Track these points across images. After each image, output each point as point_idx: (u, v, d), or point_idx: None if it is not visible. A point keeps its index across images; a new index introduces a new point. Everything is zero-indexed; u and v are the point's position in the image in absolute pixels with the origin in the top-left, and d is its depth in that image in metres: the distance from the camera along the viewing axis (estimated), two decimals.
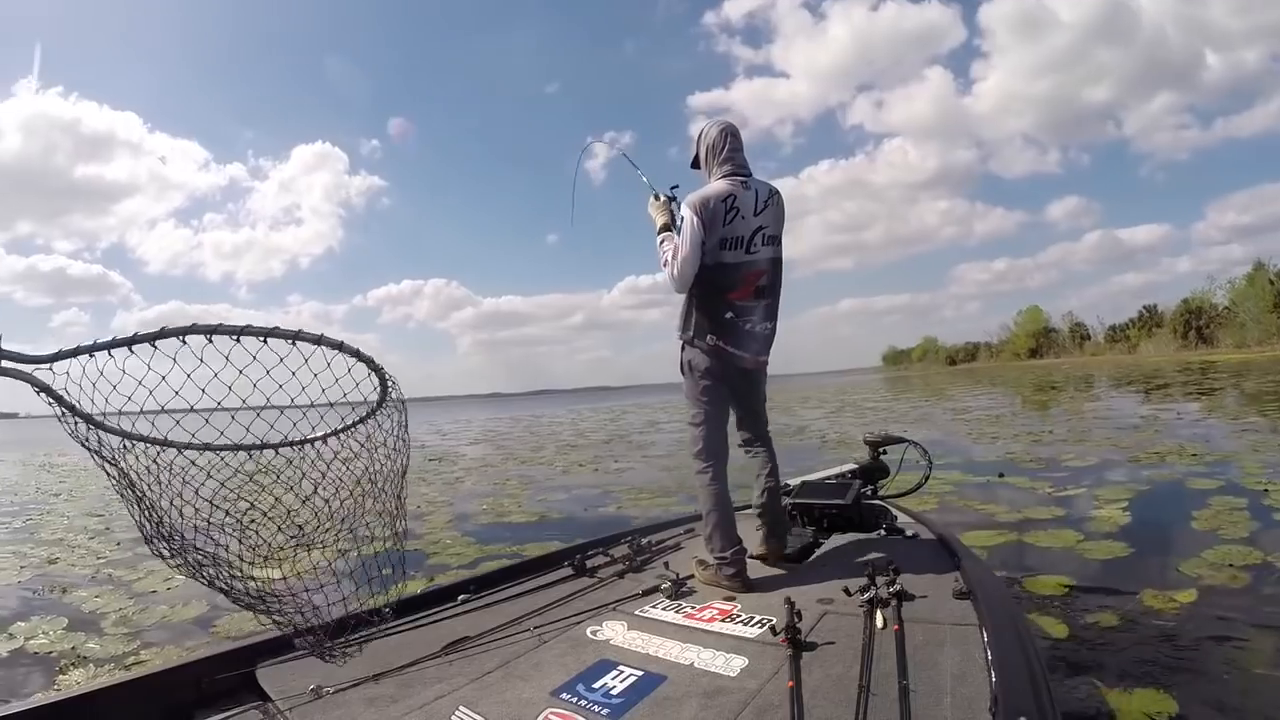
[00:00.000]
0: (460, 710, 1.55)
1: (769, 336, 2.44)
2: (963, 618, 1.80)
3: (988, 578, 2.09)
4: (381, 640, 1.95)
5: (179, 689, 1.72)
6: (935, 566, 2.27)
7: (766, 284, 2.38)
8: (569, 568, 2.60)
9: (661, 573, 2.40)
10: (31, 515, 8.20)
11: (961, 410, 16.18)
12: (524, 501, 7.36)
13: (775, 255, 2.41)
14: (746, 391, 2.52)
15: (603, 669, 1.72)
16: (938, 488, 6.13)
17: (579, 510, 6.72)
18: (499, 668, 1.77)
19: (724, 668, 1.68)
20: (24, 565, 5.47)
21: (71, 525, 7.28)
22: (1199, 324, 56.63)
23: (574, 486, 8.31)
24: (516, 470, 10.43)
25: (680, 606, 2.15)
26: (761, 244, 2.35)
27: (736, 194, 2.31)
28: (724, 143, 2.39)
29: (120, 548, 5.97)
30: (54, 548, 6.11)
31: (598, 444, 14.70)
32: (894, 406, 20.17)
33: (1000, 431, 10.58)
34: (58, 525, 7.36)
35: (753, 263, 2.34)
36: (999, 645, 1.55)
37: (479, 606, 2.24)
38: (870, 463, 3.30)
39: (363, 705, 1.60)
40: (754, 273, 2.35)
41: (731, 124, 2.43)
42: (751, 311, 2.36)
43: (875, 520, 2.85)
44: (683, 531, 3.15)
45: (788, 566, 2.48)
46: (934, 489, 6.07)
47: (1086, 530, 4.34)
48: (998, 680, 1.41)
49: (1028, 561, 3.85)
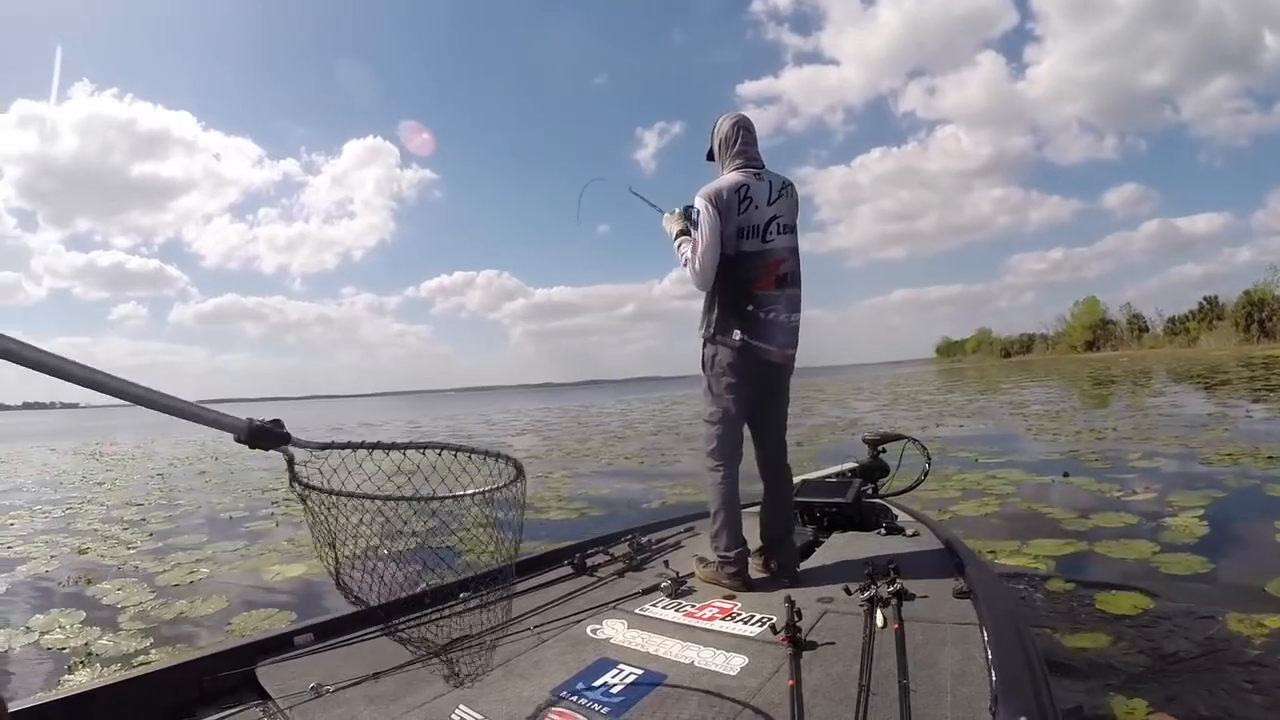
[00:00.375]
0: (460, 709, 1.56)
1: (794, 329, 2.36)
2: (963, 617, 1.80)
3: (988, 577, 2.07)
4: (382, 640, 1.93)
5: (180, 687, 1.71)
6: (935, 565, 2.26)
7: (787, 272, 2.33)
8: (569, 566, 2.59)
9: (661, 571, 2.39)
10: (72, 504, 8.34)
11: (1019, 404, 15.49)
12: (564, 496, 7.14)
13: (792, 245, 2.36)
14: (771, 392, 2.42)
15: (603, 668, 1.72)
16: (997, 488, 5.74)
17: (620, 507, 6.45)
18: (499, 666, 1.74)
19: (724, 666, 1.67)
20: (55, 555, 5.49)
21: (108, 515, 7.37)
22: (1261, 317, 54.06)
23: (618, 481, 8.07)
24: (560, 463, 10.21)
25: (680, 605, 2.14)
26: (777, 232, 2.32)
27: (749, 184, 2.30)
28: (736, 136, 2.39)
29: (152, 538, 5.99)
30: (87, 537, 6.14)
31: (644, 436, 14.44)
32: (948, 399, 19.46)
33: (1061, 427, 10.04)
34: (95, 514, 7.45)
35: (771, 251, 2.30)
36: (999, 644, 1.55)
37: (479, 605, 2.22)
38: (870, 461, 3.30)
39: (363, 704, 1.60)
40: (774, 261, 2.31)
41: (745, 117, 2.43)
42: (775, 302, 2.30)
43: (875, 519, 2.84)
44: (683, 530, 3.13)
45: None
46: (993, 489, 5.68)
47: (1161, 540, 3.93)
48: (998, 679, 1.40)
49: (1099, 575, 3.46)
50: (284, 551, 5.23)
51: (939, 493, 5.70)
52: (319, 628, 2.00)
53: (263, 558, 5.07)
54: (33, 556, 5.45)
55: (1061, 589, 3.26)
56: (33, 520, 7.23)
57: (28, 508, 8.18)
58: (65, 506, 8.15)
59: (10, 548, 5.83)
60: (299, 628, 1.99)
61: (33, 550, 5.68)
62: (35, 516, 7.49)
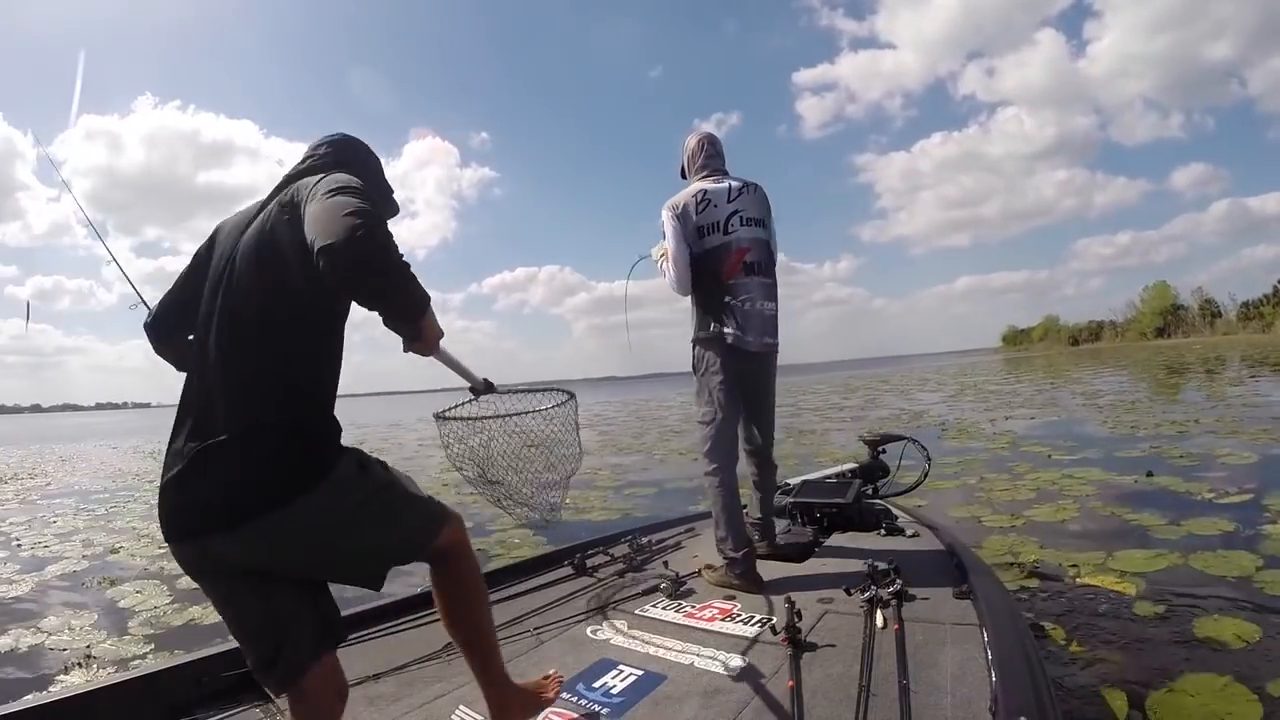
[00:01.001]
0: (460, 709, 1.56)
1: (771, 318, 2.44)
2: (963, 617, 1.79)
3: (988, 578, 2.07)
4: (382, 639, 1.98)
5: (180, 687, 1.72)
6: (936, 566, 2.26)
7: (754, 260, 2.40)
8: (569, 567, 2.61)
9: (661, 572, 2.39)
10: (117, 502, 8.50)
11: (1091, 395, 14.48)
12: (610, 495, 6.83)
13: (758, 236, 2.43)
14: (757, 383, 2.49)
15: (603, 668, 1.73)
16: (1075, 489, 5.15)
17: (664, 508, 5.99)
18: None
19: (724, 667, 1.66)
20: (86, 554, 5.49)
21: (149, 513, 7.42)
22: None
23: (668, 479, 7.68)
24: (612, 459, 9.85)
25: (680, 606, 2.15)
26: (740, 225, 2.40)
27: (706, 188, 2.43)
28: (700, 151, 2.55)
29: None
30: (122, 536, 6.17)
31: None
32: (1017, 389, 18.46)
33: (1139, 420, 9.23)
34: (136, 512, 7.53)
35: (733, 241, 2.39)
36: (999, 645, 1.54)
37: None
38: (870, 462, 3.29)
39: (363, 704, 1.60)
40: (738, 250, 2.39)
41: (710, 134, 2.59)
42: (748, 289, 2.37)
43: (875, 519, 2.83)
44: (683, 531, 3.15)
45: (787, 565, 2.48)
46: (1070, 490, 5.11)
47: (1263, 552, 3.37)
48: (998, 680, 1.39)
49: (1195, 592, 2.96)
50: None
51: (1011, 494, 5.18)
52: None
53: None
54: (65, 555, 5.47)
55: (1151, 613, 2.78)
56: (75, 518, 7.35)
57: (75, 506, 8.35)
58: (109, 504, 8.30)
59: (47, 546, 5.88)
60: None
61: (67, 549, 5.71)
62: (79, 514, 7.63)
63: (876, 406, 16.06)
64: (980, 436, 8.91)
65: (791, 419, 14.76)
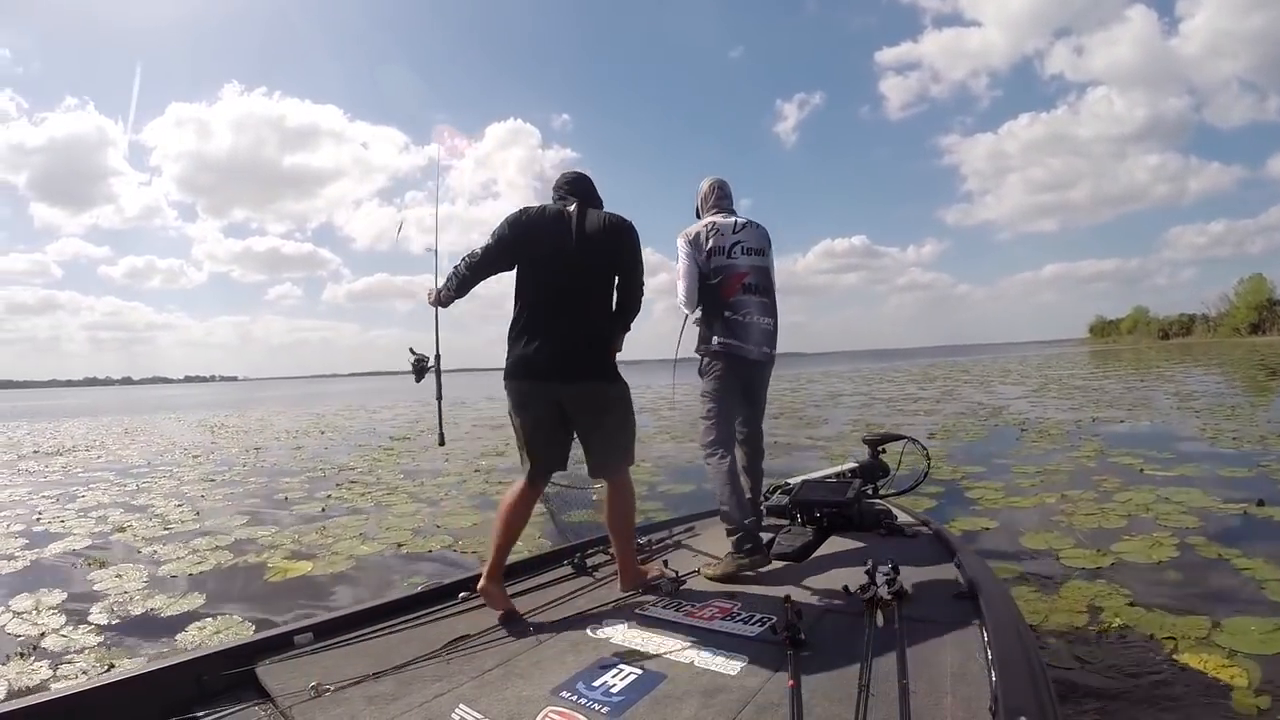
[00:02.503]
0: (460, 708, 1.57)
1: (769, 331, 2.79)
2: (963, 617, 1.81)
3: (988, 578, 2.06)
4: (382, 639, 1.99)
5: (179, 686, 1.72)
6: (936, 566, 2.28)
7: (753, 283, 2.75)
8: (569, 566, 2.62)
9: (662, 571, 2.40)
10: (154, 478, 8.68)
11: (1185, 395, 13.16)
12: (645, 492, 6.23)
13: (757, 264, 2.79)
14: (753, 385, 2.87)
15: (603, 667, 1.73)
16: (1172, 518, 4.31)
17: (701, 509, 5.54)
18: (499, 666, 1.79)
19: (724, 666, 1.68)
20: (94, 531, 5.53)
21: (174, 491, 7.54)
22: None
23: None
24: (661, 449, 9.30)
25: (680, 605, 2.16)
26: (741, 254, 2.76)
27: (716, 221, 2.80)
28: (713, 192, 2.93)
29: (198, 517, 5.97)
30: (138, 515, 6.20)
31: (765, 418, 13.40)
32: (1104, 386, 17.03)
33: (1240, 429, 8.11)
34: (163, 489, 7.66)
35: (735, 265, 2.74)
36: (999, 645, 1.54)
37: (479, 605, 2.24)
38: (870, 461, 3.32)
39: (363, 703, 1.61)
40: (739, 273, 2.74)
41: (721, 180, 2.97)
42: (745, 306, 2.72)
43: (875, 519, 2.86)
44: (683, 530, 3.15)
45: (787, 565, 2.50)
46: (1167, 520, 4.30)
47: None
48: (998, 680, 1.39)
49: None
50: (303, 545, 4.92)
51: (1098, 519, 4.36)
52: (319, 627, 2.01)
53: (278, 550, 4.77)
54: (73, 532, 5.49)
55: (1251, 706, 2.13)
56: (104, 493, 7.51)
57: (110, 480, 8.58)
58: (143, 480, 8.48)
59: (63, 522, 5.95)
60: (299, 627, 2.00)
61: (76, 526, 5.76)
62: (110, 489, 7.80)
63: (952, 399, 14.96)
64: (1059, 438, 8.09)
65: (862, 410, 14.05)
